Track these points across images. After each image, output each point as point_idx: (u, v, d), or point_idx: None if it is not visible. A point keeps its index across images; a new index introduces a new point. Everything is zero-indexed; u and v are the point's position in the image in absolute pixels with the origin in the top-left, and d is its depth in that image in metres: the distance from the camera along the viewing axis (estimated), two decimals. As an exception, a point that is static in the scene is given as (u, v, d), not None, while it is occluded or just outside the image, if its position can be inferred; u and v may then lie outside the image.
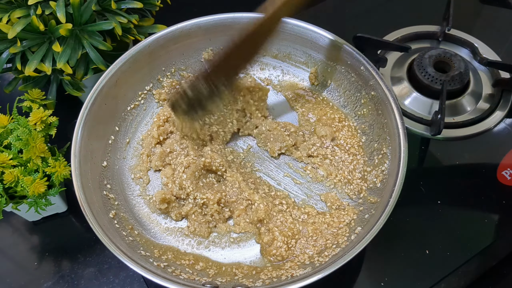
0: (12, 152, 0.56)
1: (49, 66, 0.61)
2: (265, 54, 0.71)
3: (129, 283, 0.59)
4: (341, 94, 0.68)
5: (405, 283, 0.58)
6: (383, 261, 0.60)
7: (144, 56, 0.65)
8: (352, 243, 0.52)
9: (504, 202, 0.64)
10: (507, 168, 0.67)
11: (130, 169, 0.63)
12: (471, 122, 0.71)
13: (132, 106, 0.66)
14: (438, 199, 0.64)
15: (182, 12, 0.74)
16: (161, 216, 0.59)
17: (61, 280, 0.59)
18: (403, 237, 0.61)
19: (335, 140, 0.64)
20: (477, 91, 0.74)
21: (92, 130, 0.58)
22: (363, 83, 0.63)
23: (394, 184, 0.52)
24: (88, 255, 0.61)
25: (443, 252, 0.59)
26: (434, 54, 0.74)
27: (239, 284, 0.51)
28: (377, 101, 0.61)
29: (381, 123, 0.60)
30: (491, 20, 0.87)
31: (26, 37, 0.60)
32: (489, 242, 0.60)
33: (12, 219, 0.64)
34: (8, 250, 0.62)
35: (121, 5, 0.64)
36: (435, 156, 0.69)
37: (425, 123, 0.71)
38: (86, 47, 0.62)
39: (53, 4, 0.60)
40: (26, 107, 0.60)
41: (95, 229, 0.50)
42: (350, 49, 0.63)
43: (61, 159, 0.57)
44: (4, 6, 0.60)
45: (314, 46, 0.67)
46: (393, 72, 0.77)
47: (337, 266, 0.47)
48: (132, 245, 0.54)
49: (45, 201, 0.57)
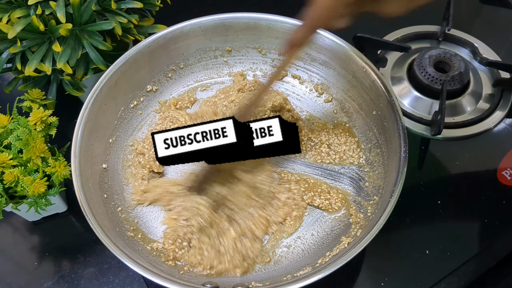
0: (12, 152, 0.56)
1: (49, 66, 0.61)
2: (265, 53, 0.71)
3: (129, 283, 0.59)
4: (341, 94, 0.68)
5: (405, 283, 0.58)
6: (383, 261, 0.60)
7: (144, 56, 0.65)
8: (352, 243, 0.52)
9: (504, 202, 0.64)
10: (507, 168, 0.67)
11: (131, 175, 0.63)
12: (471, 122, 0.71)
13: (132, 106, 0.66)
14: (438, 199, 0.64)
15: (182, 12, 0.74)
16: (162, 214, 0.59)
17: (61, 280, 0.59)
18: (403, 237, 0.61)
19: (331, 142, 0.64)
20: (477, 91, 0.74)
21: (92, 130, 0.58)
22: (363, 83, 0.63)
23: (394, 184, 0.52)
24: (88, 255, 0.61)
25: (443, 252, 0.59)
26: (434, 54, 0.74)
27: (239, 284, 0.52)
28: (376, 101, 0.61)
29: (381, 123, 0.60)
30: (491, 20, 0.87)
31: (26, 37, 0.60)
32: (489, 242, 0.60)
33: (12, 219, 0.64)
34: (8, 250, 0.62)
35: (121, 5, 0.64)
36: (435, 156, 0.69)
37: (425, 123, 0.71)
38: (86, 47, 0.62)
39: (53, 4, 0.60)
40: (26, 107, 0.60)
41: (95, 229, 0.50)
42: (350, 49, 0.63)
43: (61, 159, 0.57)
44: (4, 6, 0.60)
45: (314, 46, 0.67)
46: (393, 72, 0.77)
47: (337, 266, 0.47)
48: (132, 245, 0.54)
49: (45, 201, 0.57)
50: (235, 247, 0.54)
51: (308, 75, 0.70)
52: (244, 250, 0.55)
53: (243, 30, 0.68)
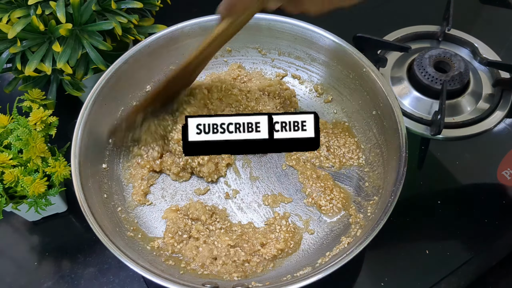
0: (12, 152, 0.56)
1: (49, 66, 0.61)
2: (265, 53, 0.71)
3: (129, 283, 0.59)
4: (340, 94, 0.68)
5: (405, 283, 0.58)
6: (383, 261, 0.60)
7: (144, 56, 0.64)
8: (352, 243, 0.52)
9: (504, 202, 0.64)
10: (507, 168, 0.67)
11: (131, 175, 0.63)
12: (471, 122, 0.71)
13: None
14: (438, 199, 0.64)
15: (182, 12, 0.74)
16: (162, 214, 0.59)
17: (61, 280, 0.59)
18: (403, 237, 0.61)
19: (331, 145, 0.64)
20: (477, 91, 0.74)
21: (92, 130, 0.58)
22: (363, 83, 0.63)
23: (394, 184, 0.52)
24: (88, 255, 0.61)
25: (443, 252, 0.59)
26: (434, 54, 0.74)
27: (239, 284, 0.51)
28: (376, 101, 0.61)
29: (381, 123, 0.60)
30: (491, 20, 0.87)
31: (26, 37, 0.60)
32: (489, 242, 0.60)
33: (12, 219, 0.64)
34: (8, 250, 0.62)
35: (121, 5, 0.64)
36: (435, 156, 0.69)
37: (425, 123, 0.71)
38: (86, 47, 0.62)
39: (53, 4, 0.60)
40: (26, 107, 0.60)
41: (95, 229, 0.50)
42: (350, 49, 0.63)
43: (61, 159, 0.57)
44: (4, 6, 0.60)
45: (314, 46, 0.67)
46: (393, 72, 0.77)
47: (337, 266, 0.47)
48: (132, 245, 0.54)
49: (45, 201, 0.57)
50: (228, 253, 0.54)
51: (308, 75, 0.70)
52: (237, 258, 0.54)
53: (243, 30, 0.68)
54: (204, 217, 0.56)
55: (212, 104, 0.64)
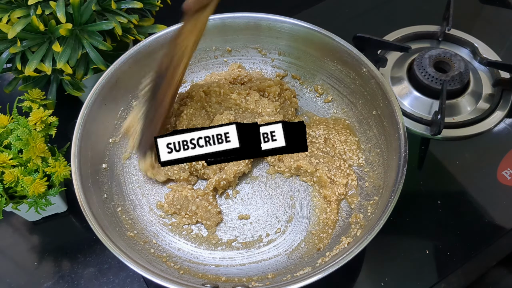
0: (12, 152, 0.56)
1: (49, 66, 0.61)
2: (265, 53, 0.71)
3: (129, 283, 0.59)
4: (340, 94, 0.68)
5: (405, 283, 0.58)
6: (383, 261, 0.60)
7: (144, 56, 0.64)
8: (352, 243, 0.52)
9: (504, 202, 0.64)
10: (507, 168, 0.67)
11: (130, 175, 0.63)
12: (471, 122, 0.71)
13: (132, 106, 0.66)
14: (438, 199, 0.64)
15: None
16: (162, 216, 0.59)
17: (61, 280, 0.59)
18: (403, 237, 0.61)
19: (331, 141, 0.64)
20: (477, 91, 0.74)
21: (92, 130, 0.58)
22: (363, 83, 0.63)
23: (394, 184, 0.52)
24: (88, 255, 0.61)
25: (443, 252, 0.59)
26: (434, 54, 0.74)
27: (239, 284, 0.51)
28: (376, 101, 0.61)
29: (381, 123, 0.60)
30: (491, 20, 0.87)
31: (26, 37, 0.60)
32: (489, 242, 0.60)
33: (12, 219, 0.64)
34: (8, 250, 0.62)
35: (121, 5, 0.64)
36: (435, 156, 0.69)
37: (425, 123, 0.71)
38: (86, 47, 0.62)
39: (53, 4, 0.60)
40: (26, 107, 0.60)
41: (95, 229, 0.50)
42: (350, 49, 0.63)
43: (61, 159, 0.57)
44: (4, 6, 0.60)
45: (314, 46, 0.66)
46: (393, 72, 0.77)
47: (337, 266, 0.47)
48: (132, 245, 0.54)
49: (45, 201, 0.57)
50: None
51: (308, 75, 0.70)
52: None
53: (243, 30, 0.68)
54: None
55: (211, 107, 0.64)
